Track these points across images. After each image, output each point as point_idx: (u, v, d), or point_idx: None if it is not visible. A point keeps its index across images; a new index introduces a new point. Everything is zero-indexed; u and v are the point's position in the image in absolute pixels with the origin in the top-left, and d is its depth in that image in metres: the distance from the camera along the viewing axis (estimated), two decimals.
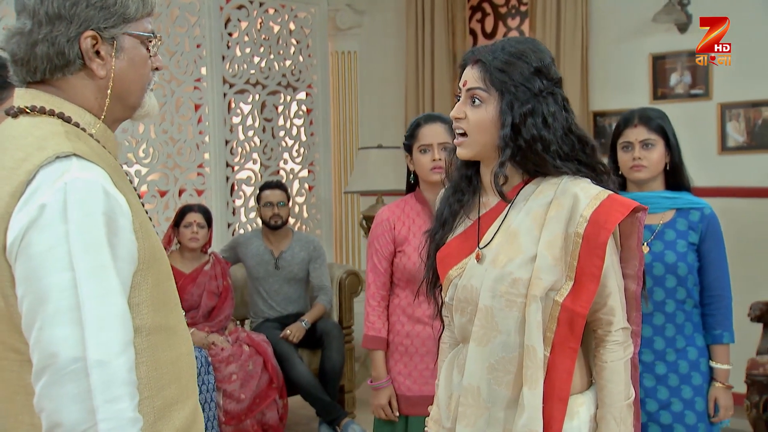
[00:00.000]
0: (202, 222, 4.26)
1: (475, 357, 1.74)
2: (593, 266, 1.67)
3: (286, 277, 4.62)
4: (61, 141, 1.28)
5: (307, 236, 4.87)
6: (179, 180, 5.13)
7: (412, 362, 2.78)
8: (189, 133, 5.21)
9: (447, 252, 1.86)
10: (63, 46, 1.33)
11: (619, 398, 1.74)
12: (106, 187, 1.26)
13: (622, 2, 4.93)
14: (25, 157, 1.26)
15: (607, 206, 1.68)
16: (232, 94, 5.37)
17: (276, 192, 4.68)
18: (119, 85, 1.39)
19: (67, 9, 1.32)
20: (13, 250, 1.22)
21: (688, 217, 2.58)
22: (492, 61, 1.74)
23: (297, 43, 5.71)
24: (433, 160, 2.74)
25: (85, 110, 1.38)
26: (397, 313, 2.83)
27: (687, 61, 4.70)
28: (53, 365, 1.18)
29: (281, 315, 4.60)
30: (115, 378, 1.20)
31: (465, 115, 1.77)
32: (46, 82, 1.37)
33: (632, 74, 4.86)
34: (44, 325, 1.19)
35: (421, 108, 5.62)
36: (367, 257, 2.92)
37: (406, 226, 2.82)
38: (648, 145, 2.59)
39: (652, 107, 2.79)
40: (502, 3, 5.70)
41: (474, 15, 5.78)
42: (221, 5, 5.26)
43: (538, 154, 1.72)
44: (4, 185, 1.26)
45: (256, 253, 4.64)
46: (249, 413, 4.06)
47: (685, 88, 4.73)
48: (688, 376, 2.55)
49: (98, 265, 1.22)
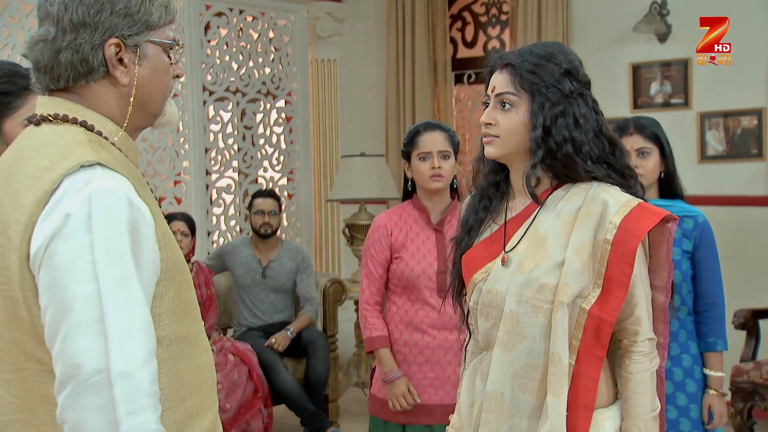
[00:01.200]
0: (186, 230, 4.23)
1: (499, 362, 1.73)
2: (622, 274, 1.66)
3: (273, 287, 4.60)
4: (86, 150, 1.28)
5: (296, 246, 4.85)
6: (159, 188, 5.07)
7: (410, 371, 2.77)
8: (168, 141, 5.15)
9: (472, 256, 1.85)
10: (87, 54, 1.32)
11: (645, 410, 1.72)
12: (130, 196, 1.26)
13: (602, 12, 4.98)
14: (49, 166, 1.26)
15: (638, 214, 1.68)
16: (211, 102, 5.33)
17: (268, 200, 4.67)
18: (142, 92, 1.38)
19: (92, 16, 1.32)
20: (36, 260, 1.21)
21: (682, 225, 2.58)
22: (522, 63, 1.74)
23: (277, 51, 5.68)
24: (432, 168, 2.74)
25: (107, 118, 1.37)
26: (395, 321, 2.82)
27: (667, 70, 4.76)
28: (77, 376, 1.17)
29: (266, 324, 4.56)
30: (139, 389, 1.19)
31: (496, 121, 1.77)
32: (69, 90, 1.36)
33: (613, 83, 4.91)
34: (68, 335, 1.18)
35: (402, 116, 5.62)
36: (362, 263, 2.91)
37: (403, 233, 2.82)
38: (644, 153, 2.61)
39: (645, 116, 2.82)
40: (483, 12, 5.73)
41: (454, 23, 5.80)
42: (201, 12, 5.22)
43: (569, 155, 1.72)
44: (28, 194, 1.25)
45: (244, 261, 4.61)
46: (234, 423, 4.01)
47: (665, 98, 4.79)
48: (683, 384, 2.57)
49: (122, 276, 1.21)
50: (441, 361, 2.75)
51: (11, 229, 1.25)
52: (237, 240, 4.90)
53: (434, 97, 5.61)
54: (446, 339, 2.74)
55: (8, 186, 1.30)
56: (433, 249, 2.78)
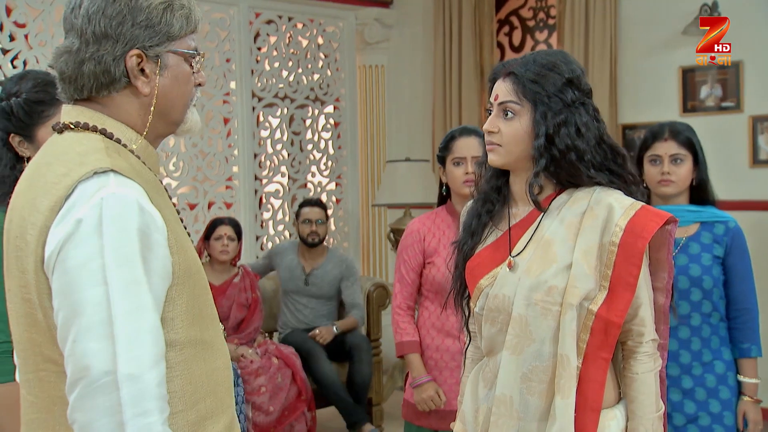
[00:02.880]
0: (233, 235, 4.30)
1: (508, 366, 1.75)
2: (629, 275, 1.68)
3: (316, 294, 4.65)
4: (101, 157, 1.30)
5: (341, 255, 4.89)
6: (208, 193, 5.18)
7: (442, 376, 2.78)
8: (218, 147, 5.27)
9: (477, 262, 1.87)
10: (109, 65, 1.35)
11: (650, 410, 1.75)
12: (142, 202, 1.27)
13: (651, 15, 4.91)
14: (66, 173, 1.29)
15: (643, 216, 1.70)
16: (260, 108, 5.43)
17: (315, 209, 4.72)
18: (162, 101, 1.40)
19: (114, 28, 1.34)
20: (50, 264, 1.24)
21: (713, 230, 2.57)
22: (524, 72, 1.76)
23: (325, 57, 5.76)
24: (466, 173, 2.74)
25: (127, 126, 1.39)
26: (427, 327, 2.83)
27: (718, 74, 4.67)
28: (85, 378, 1.20)
29: (309, 327, 4.62)
30: (145, 392, 1.21)
31: (498, 129, 1.78)
32: (92, 99, 1.38)
33: (662, 87, 4.83)
34: (78, 338, 1.21)
35: (448, 121, 5.62)
36: (396, 268, 2.92)
37: (436, 238, 2.82)
38: (677, 160, 2.58)
39: (680, 122, 2.77)
40: (530, 16, 5.70)
41: (502, 28, 5.79)
42: (251, 20, 5.32)
43: (572, 163, 1.74)
44: (44, 199, 1.28)
45: (289, 267, 4.68)
46: (278, 426, 4.08)
47: (715, 101, 4.70)
48: (716, 390, 2.54)
49: (131, 280, 1.23)
50: None
51: (28, 233, 1.28)
52: (287, 243, 4.97)
53: (481, 103, 5.59)
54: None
55: (28, 191, 1.33)
56: None
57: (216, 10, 5.16)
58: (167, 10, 1.38)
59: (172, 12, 1.38)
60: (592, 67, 4.95)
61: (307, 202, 4.81)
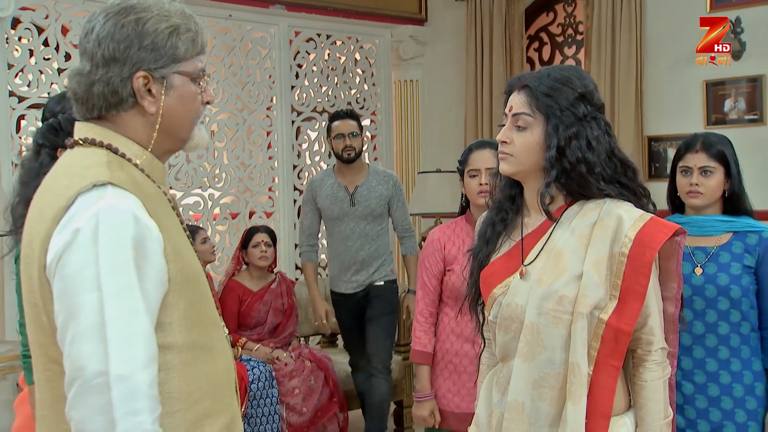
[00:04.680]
0: (269, 241, 4.42)
1: (520, 372, 1.77)
2: (638, 284, 1.71)
3: (363, 214, 4.27)
4: (101, 170, 1.37)
5: (384, 171, 4.48)
6: (250, 203, 5.42)
7: (461, 380, 2.87)
8: (259, 159, 5.51)
9: (491, 271, 1.90)
10: (117, 86, 1.42)
11: (659, 416, 1.78)
12: (137, 213, 1.33)
13: (676, 30, 5.00)
14: (68, 184, 1.36)
15: (652, 227, 1.73)
16: (300, 122, 5.66)
17: (348, 122, 4.27)
18: (168, 120, 1.47)
19: (121, 52, 1.41)
20: (51, 270, 1.32)
21: (745, 240, 2.53)
22: (538, 86, 1.80)
23: (362, 73, 5.98)
24: (480, 185, 2.84)
25: (133, 142, 1.45)
26: (446, 332, 2.92)
27: (741, 87, 4.76)
28: (80, 378, 1.26)
29: (358, 283, 4.35)
30: (136, 392, 1.26)
31: (511, 140, 1.82)
32: (102, 117, 1.46)
33: (686, 100, 4.92)
34: (74, 339, 1.27)
35: (480, 134, 5.77)
36: (418, 275, 3.02)
37: (456, 246, 2.91)
38: (706, 172, 2.54)
39: (716, 133, 2.71)
40: (559, 32, 5.85)
41: (531, 44, 5.94)
42: (291, 38, 5.56)
43: (582, 175, 1.77)
44: (48, 210, 1.36)
45: (330, 193, 4.30)
46: (311, 426, 4.20)
47: (739, 114, 4.78)
48: (743, 400, 2.50)
49: (124, 286, 1.29)
50: None
51: (34, 242, 1.36)
52: (320, 173, 4.61)
53: None
54: None
55: (37, 203, 1.42)
56: None
57: (257, 29, 5.43)
58: (173, 34, 1.44)
59: (178, 36, 1.44)
60: (619, 81, 5.08)
61: (337, 115, 4.35)
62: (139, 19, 1.42)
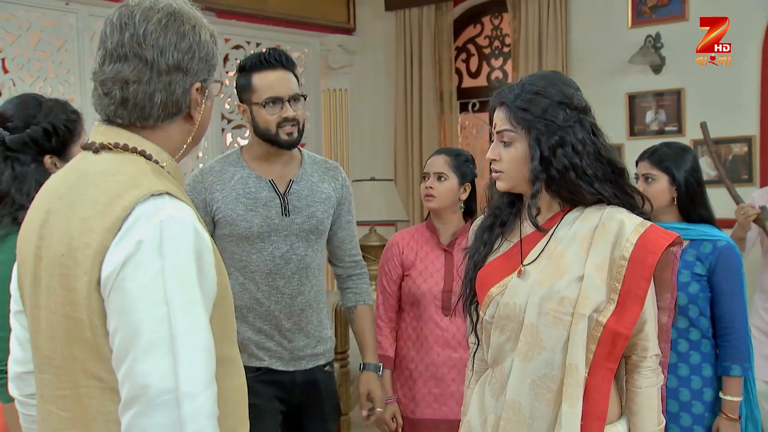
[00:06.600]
0: None
1: (518, 373, 1.77)
2: (639, 288, 1.72)
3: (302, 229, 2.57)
4: (153, 179, 1.33)
5: (325, 160, 2.73)
6: None
7: (416, 386, 2.88)
8: (188, 167, 5.39)
9: (488, 271, 1.89)
10: (179, 96, 1.40)
11: (652, 423, 1.79)
12: (196, 225, 1.31)
13: (599, 45, 5.21)
14: (119, 194, 1.29)
15: (653, 233, 1.75)
16: (229, 130, 5.58)
17: (285, 75, 2.52)
18: (201, 127, 1.48)
19: (186, 62, 1.39)
20: (108, 284, 1.25)
21: (699, 248, 2.59)
22: (514, 101, 1.81)
23: None
24: (426, 188, 2.90)
25: (161, 149, 1.42)
26: (404, 338, 2.94)
27: (661, 100, 5.00)
28: (144, 396, 1.20)
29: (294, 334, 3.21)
30: (203, 410, 1.23)
31: (500, 157, 1.84)
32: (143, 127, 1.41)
33: (610, 112, 5.09)
34: (137, 357, 1.22)
35: (409, 142, 5.85)
36: (377, 280, 3.03)
37: (413, 251, 2.94)
38: (648, 179, 2.66)
39: (673, 142, 2.83)
40: (486, 45, 5.99)
41: (459, 55, 6.07)
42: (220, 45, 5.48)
43: (572, 182, 1.77)
44: (99, 220, 1.28)
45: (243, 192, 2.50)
46: None
47: (659, 125, 5.02)
48: (689, 405, 2.58)
49: (190, 301, 1.25)
50: (445, 378, 2.84)
51: (80, 253, 1.28)
52: (213, 161, 2.90)
53: (441, 125, 5.83)
54: (450, 356, 2.84)
55: (72, 210, 1.33)
56: (441, 269, 2.88)
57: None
58: (215, 44, 1.46)
59: (215, 44, 1.46)
60: None
61: (261, 62, 2.51)
62: (195, 27, 1.41)
